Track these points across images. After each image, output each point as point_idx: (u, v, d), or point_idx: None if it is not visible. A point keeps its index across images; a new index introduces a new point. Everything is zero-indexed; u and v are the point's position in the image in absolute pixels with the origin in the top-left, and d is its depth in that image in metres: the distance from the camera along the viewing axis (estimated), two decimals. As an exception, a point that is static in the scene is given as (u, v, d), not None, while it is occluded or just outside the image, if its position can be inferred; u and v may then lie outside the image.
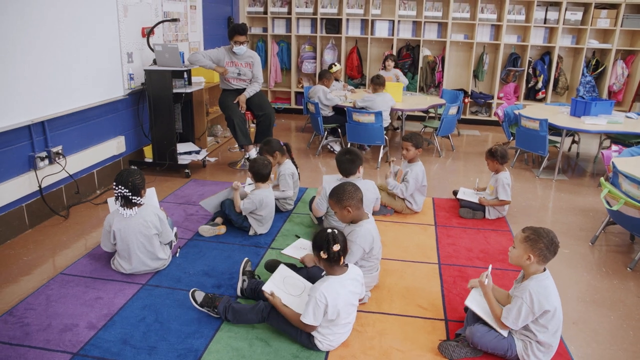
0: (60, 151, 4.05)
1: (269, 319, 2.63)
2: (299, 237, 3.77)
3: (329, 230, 2.42)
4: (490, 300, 2.50)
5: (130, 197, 3.01)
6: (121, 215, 3.05)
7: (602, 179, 3.78)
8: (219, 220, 3.85)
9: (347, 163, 3.57)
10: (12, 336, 2.54)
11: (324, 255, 2.40)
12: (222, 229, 3.77)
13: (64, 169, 4.05)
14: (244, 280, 2.93)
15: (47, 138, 3.94)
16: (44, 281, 3.08)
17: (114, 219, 3.08)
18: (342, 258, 2.46)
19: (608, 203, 3.62)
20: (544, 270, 2.39)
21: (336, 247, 2.39)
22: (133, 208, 3.06)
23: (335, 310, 2.41)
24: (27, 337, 2.54)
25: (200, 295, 2.80)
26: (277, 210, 4.19)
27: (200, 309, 2.77)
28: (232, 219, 3.79)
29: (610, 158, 4.07)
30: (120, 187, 3.00)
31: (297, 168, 4.34)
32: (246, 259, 3.05)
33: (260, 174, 3.77)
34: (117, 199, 3.06)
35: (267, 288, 2.63)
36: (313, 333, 2.48)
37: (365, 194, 3.49)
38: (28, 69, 3.65)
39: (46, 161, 3.91)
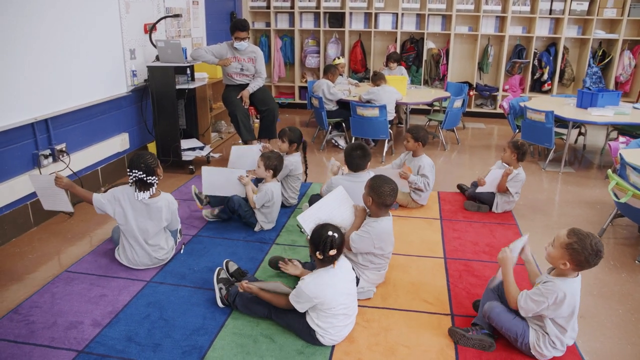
0: (64, 149, 4.04)
1: (275, 315, 2.63)
2: (303, 233, 3.74)
3: (330, 233, 2.41)
4: (508, 280, 2.44)
5: (145, 178, 2.99)
6: (133, 197, 3.03)
7: (609, 171, 3.74)
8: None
9: (358, 159, 3.53)
10: (18, 334, 2.55)
11: (319, 256, 2.42)
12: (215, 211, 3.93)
13: (67, 166, 4.05)
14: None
15: (51, 136, 3.94)
16: (49, 279, 3.09)
17: (122, 195, 3.06)
18: (335, 262, 2.46)
19: (616, 195, 3.58)
20: (577, 274, 2.33)
21: (332, 252, 2.41)
22: (149, 190, 3.04)
23: (325, 301, 2.41)
24: (32, 335, 2.54)
25: (224, 274, 2.89)
26: (282, 205, 4.18)
27: (215, 284, 2.82)
28: (240, 214, 3.77)
29: (618, 150, 4.03)
30: (134, 171, 2.98)
31: (306, 168, 4.31)
32: (218, 268, 2.98)
33: (276, 169, 3.76)
34: (133, 184, 3.03)
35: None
36: (314, 327, 2.48)
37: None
38: (30, 67, 3.64)
39: (50, 159, 3.91)
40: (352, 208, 3.03)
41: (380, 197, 2.81)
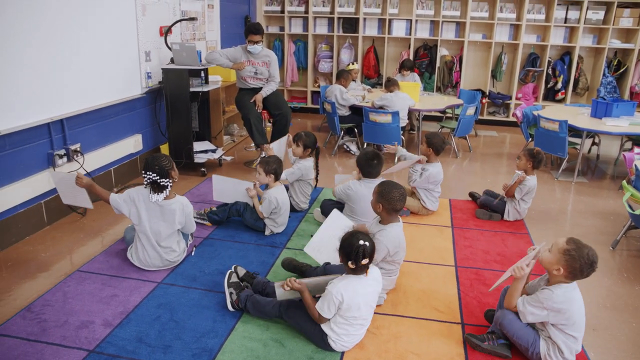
0: (78, 149, 4.08)
1: (287, 315, 2.63)
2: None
3: (361, 242, 2.39)
4: (516, 289, 2.43)
5: (159, 180, 3.01)
6: (148, 198, 3.06)
7: (624, 182, 3.70)
8: None
9: (375, 167, 3.58)
10: (30, 332, 2.57)
11: (351, 266, 2.40)
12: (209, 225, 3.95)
13: (81, 166, 4.08)
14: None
15: (66, 136, 3.98)
16: (61, 278, 3.11)
17: (137, 195, 3.09)
18: (367, 270, 2.45)
19: (630, 207, 3.54)
20: (572, 282, 2.35)
21: (365, 261, 2.40)
22: (163, 192, 3.05)
23: (350, 307, 2.40)
24: (44, 333, 2.56)
25: (234, 278, 2.86)
26: (293, 209, 4.18)
27: (226, 289, 2.81)
28: (246, 217, 3.80)
29: (633, 160, 3.99)
30: (148, 173, 3.01)
31: (317, 173, 4.31)
32: (229, 271, 2.94)
33: (277, 173, 3.77)
34: (147, 185, 3.06)
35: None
36: (327, 332, 2.47)
37: None
38: (47, 68, 3.68)
39: (65, 159, 3.95)
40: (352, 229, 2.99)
41: (390, 203, 2.82)
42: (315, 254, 2.95)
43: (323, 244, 2.95)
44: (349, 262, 2.40)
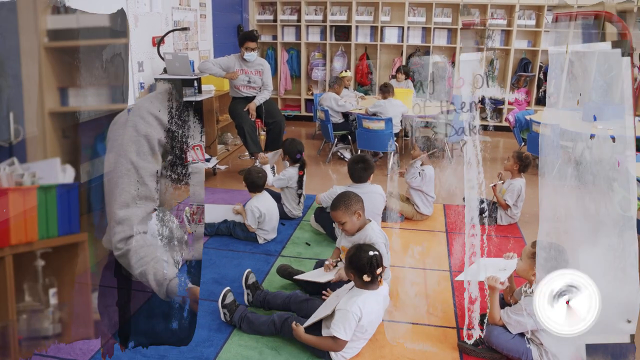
0: (72, 160, 4.08)
1: (283, 332, 2.61)
2: (309, 245, 3.76)
3: (371, 253, 2.41)
4: (493, 303, 2.48)
5: None
6: None
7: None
8: None
9: (360, 171, 3.57)
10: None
11: (367, 279, 2.40)
12: None
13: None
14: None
15: (59, 147, 3.97)
16: (56, 289, 3.10)
17: None
18: (381, 280, 2.47)
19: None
20: None
21: (379, 271, 2.42)
22: None
23: (364, 324, 2.40)
24: (38, 345, 2.55)
25: (230, 297, 2.80)
26: (286, 216, 4.18)
27: (221, 309, 2.76)
28: (238, 233, 3.82)
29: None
30: None
31: (300, 187, 4.24)
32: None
33: (255, 184, 3.78)
34: None
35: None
36: None
37: (373, 198, 3.49)
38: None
39: (58, 170, 3.94)
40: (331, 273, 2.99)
41: (358, 202, 2.86)
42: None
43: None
44: (364, 276, 2.40)
